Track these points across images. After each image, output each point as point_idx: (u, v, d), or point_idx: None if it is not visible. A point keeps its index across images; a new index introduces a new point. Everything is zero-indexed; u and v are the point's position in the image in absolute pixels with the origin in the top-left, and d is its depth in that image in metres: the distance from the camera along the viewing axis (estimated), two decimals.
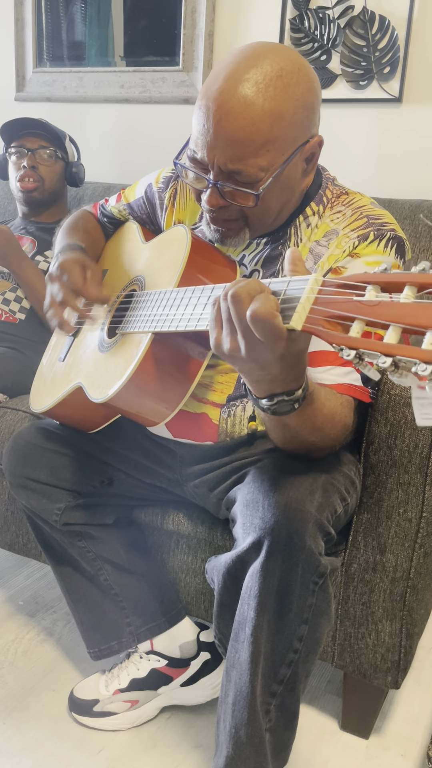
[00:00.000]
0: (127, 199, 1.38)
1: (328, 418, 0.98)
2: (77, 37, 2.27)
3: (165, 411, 1.09)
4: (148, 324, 1.04)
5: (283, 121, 0.97)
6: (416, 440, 1.11)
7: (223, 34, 2.00)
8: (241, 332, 0.81)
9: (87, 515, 1.32)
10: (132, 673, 1.36)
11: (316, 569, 0.96)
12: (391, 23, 1.75)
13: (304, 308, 0.74)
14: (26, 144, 1.90)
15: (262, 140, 0.97)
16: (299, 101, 0.98)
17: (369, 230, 1.05)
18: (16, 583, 1.77)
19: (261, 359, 0.82)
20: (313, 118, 1.03)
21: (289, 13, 1.87)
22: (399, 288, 0.67)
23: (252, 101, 0.95)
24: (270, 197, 1.02)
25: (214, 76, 0.99)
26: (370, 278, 0.69)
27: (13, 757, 1.26)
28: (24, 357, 1.77)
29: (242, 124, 0.96)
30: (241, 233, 1.08)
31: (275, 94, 0.96)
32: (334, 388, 1.03)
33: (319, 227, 1.11)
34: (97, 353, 1.19)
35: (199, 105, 1.00)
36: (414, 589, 1.17)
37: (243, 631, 0.98)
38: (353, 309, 0.68)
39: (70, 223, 1.40)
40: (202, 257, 1.08)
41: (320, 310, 0.72)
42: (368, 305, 0.67)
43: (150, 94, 2.15)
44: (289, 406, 0.89)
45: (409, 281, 0.66)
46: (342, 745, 1.31)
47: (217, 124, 0.97)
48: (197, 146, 1.01)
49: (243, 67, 0.97)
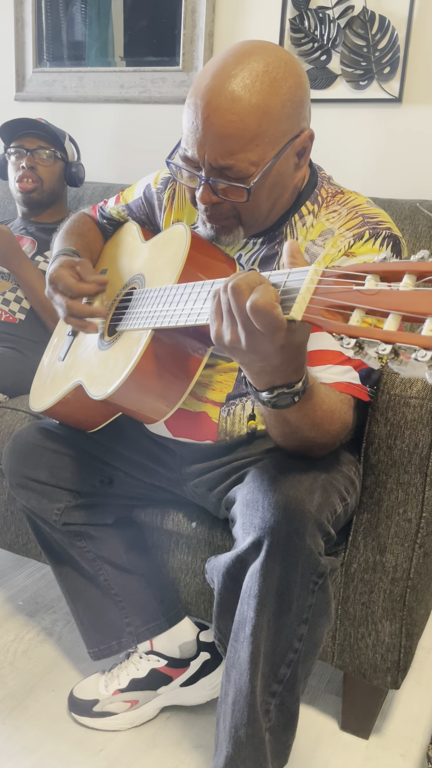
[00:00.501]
0: (125, 200, 1.38)
1: (328, 414, 0.98)
2: (77, 37, 2.27)
3: (165, 408, 1.09)
4: (148, 320, 1.05)
5: (271, 115, 0.98)
6: (416, 440, 1.11)
7: (223, 34, 2.00)
8: (241, 323, 0.81)
9: (87, 515, 1.31)
10: (132, 673, 1.36)
11: (315, 569, 0.96)
12: (391, 23, 1.75)
13: (304, 298, 0.75)
14: (25, 144, 1.90)
15: (251, 135, 0.98)
16: (287, 95, 0.99)
17: (364, 229, 1.06)
18: (15, 583, 1.77)
19: (261, 350, 0.82)
20: (303, 112, 1.03)
21: (289, 13, 1.87)
22: (398, 277, 0.67)
23: (239, 96, 0.97)
24: (261, 192, 1.03)
25: (203, 75, 1.00)
26: (370, 268, 0.69)
27: (13, 757, 1.26)
28: (24, 357, 1.77)
29: (230, 119, 0.97)
30: (235, 230, 1.08)
31: (262, 88, 0.97)
32: (333, 387, 1.03)
33: (314, 226, 1.11)
34: (97, 351, 1.19)
35: (188, 103, 1.01)
36: (414, 589, 1.17)
37: (243, 631, 0.98)
38: (353, 298, 0.69)
39: (66, 228, 1.41)
40: (202, 254, 1.09)
41: (320, 300, 0.73)
42: (368, 294, 0.68)
43: (150, 94, 2.15)
44: (290, 399, 0.89)
45: (408, 270, 0.66)
46: (342, 745, 1.31)
47: (206, 121, 0.98)
48: (188, 144, 1.02)
49: (230, 64, 0.98)
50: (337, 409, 1.00)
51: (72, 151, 1.98)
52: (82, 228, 1.41)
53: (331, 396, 0.99)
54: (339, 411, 1.00)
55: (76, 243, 1.34)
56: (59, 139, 1.92)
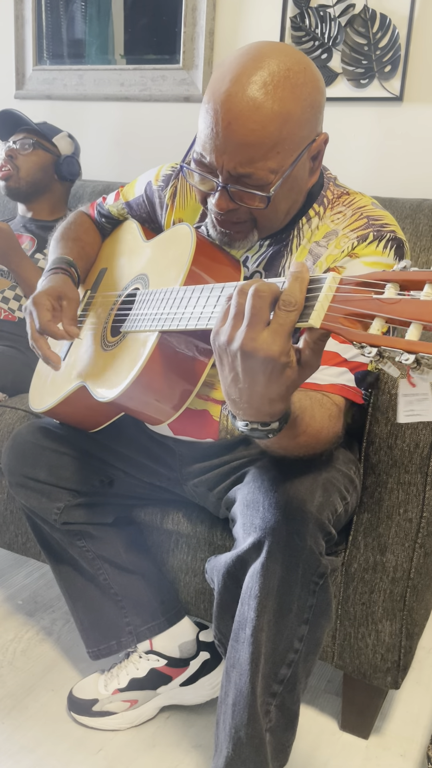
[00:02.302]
0: (125, 197, 1.37)
1: (313, 436, 0.94)
2: (77, 35, 2.26)
3: (170, 410, 1.08)
4: (155, 322, 1.03)
5: (292, 122, 0.96)
6: (417, 440, 1.11)
7: (223, 33, 2.00)
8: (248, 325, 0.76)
9: (86, 514, 1.31)
10: (131, 673, 1.36)
11: (316, 569, 0.96)
12: (392, 22, 1.75)
13: (323, 306, 0.73)
14: (11, 139, 1.94)
15: (272, 143, 0.96)
16: (307, 101, 0.97)
17: (369, 231, 1.05)
18: (15, 583, 1.76)
19: (250, 371, 0.77)
20: (320, 116, 1.02)
21: (290, 11, 1.86)
22: (419, 286, 0.66)
23: (261, 104, 0.94)
24: (280, 198, 1.01)
25: (220, 79, 0.97)
26: (390, 276, 0.68)
27: (12, 757, 1.26)
28: (23, 356, 1.76)
29: (252, 128, 0.94)
30: (249, 235, 1.07)
31: (284, 95, 0.95)
32: (326, 389, 1.02)
33: (320, 228, 1.10)
34: (101, 352, 1.19)
35: (206, 108, 0.98)
36: (414, 589, 1.17)
37: (243, 631, 0.97)
38: (373, 307, 0.68)
39: (61, 231, 1.39)
40: (207, 256, 1.08)
41: (339, 308, 0.71)
42: (388, 303, 0.67)
43: (150, 92, 2.14)
44: (264, 435, 0.85)
45: (429, 279, 0.65)
46: (342, 745, 1.31)
47: (227, 128, 0.95)
48: (205, 150, 0.99)
49: (249, 68, 0.95)
50: (324, 428, 0.96)
51: (66, 146, 1.97)
52: (78, 231, 1.39)
53: (318, 417, 0.95)
54: (327, 428, 0.97)
55: (72, 249, 1.33)
56: (40, 130, 1.93)
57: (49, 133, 1.93)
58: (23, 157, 1.91)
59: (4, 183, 1.92)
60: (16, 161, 1.91)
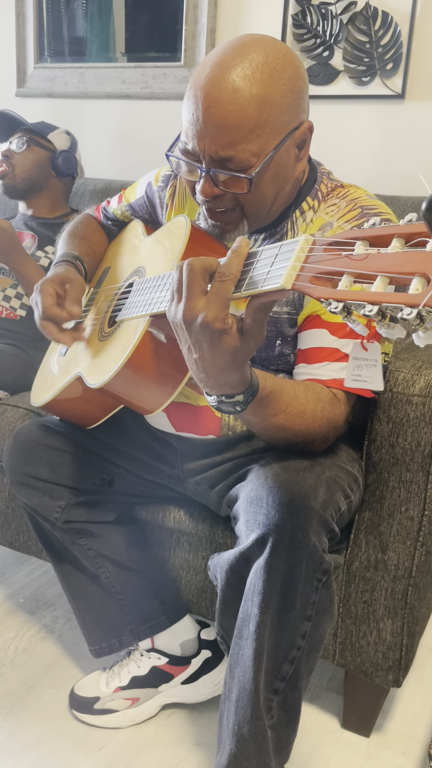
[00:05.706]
0: (128, 199, 1.38)
1: (296, 416, 0.98)
2: (78, 33, 2.26)
3: (162, 397, 1.08)
4: (145, 308, 1.05)
5: (272, 106, 0.98)
6: (418, 438, 1.11)
7: (224, 30, 2.00)
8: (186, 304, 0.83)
9: (88, 513, 1.31)
10: (133, 671, 1.36)
11: (319, 566, 0.96)
12: (393, 19, 1.75)
13: (294, 267, 0.75)
14: (10, 140, 1.95)
15: (252, 125, 0.98)
16: (287, 86, 0.99)
17: (363, 220, 1.05)
18: (16, 581, 1.77)
19: (197, 344, 0.84)
20: (302, 103, 1.03)
21: (292, 8, 1.86)
22: (387, 241, 0.67)
23: (239, 87, 0.97)
24: (264, 183, 1.03)
25: (202, 67, 1.00)
26: (359, 234, 0.70)
27: (14, 755, 1.26)
28: (24, 354, 1.76)
29: (231, 110, 0.97)
30: (239, 225, 1.08)
31: (262, 78, 0.97)
32: (330, 384, 1.02)
33: (314, 221, 1.11)
34: (97, 343, 1.19)
35: (188, 95, 1.01)
36: (415, 588, 1.17)
37: (246, 628, 0.98)
38: (342, 264, 0.69)
39: (69, 230, 1.41)
40: (201, 245, 1.09)
41: (311, 267, 0.73)
42: (357, 259, 0.68)
43: (151, 90, 2.14)
44: (231, 407, 0.91)
45: (396, 233, 0.67)
46: (343, 743, 1.31)
47: (206, 112, 0.98)
48: (188, 137, 1.02)
49: (229, 56, 0.98)
50: (308, 409, 0.99)
51: (62, 141, 1.98)
52: (86, 230, 1.41)
53: (301, 398, 0.99)
54: (313, 410, 1.00)
55: (79, 246, 1.35)
56: (35, 128, 1.93)
57: (44, 130, 1.95)
58: (18, 155, 1.92)
59: (1, 181, 1.93)
60: (12, 160, 1.93)
